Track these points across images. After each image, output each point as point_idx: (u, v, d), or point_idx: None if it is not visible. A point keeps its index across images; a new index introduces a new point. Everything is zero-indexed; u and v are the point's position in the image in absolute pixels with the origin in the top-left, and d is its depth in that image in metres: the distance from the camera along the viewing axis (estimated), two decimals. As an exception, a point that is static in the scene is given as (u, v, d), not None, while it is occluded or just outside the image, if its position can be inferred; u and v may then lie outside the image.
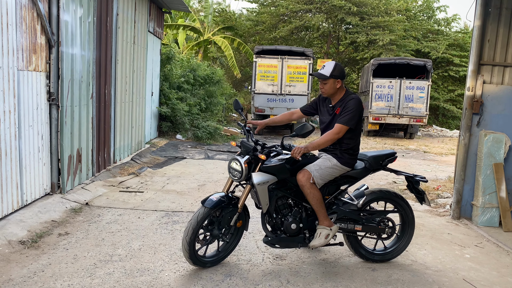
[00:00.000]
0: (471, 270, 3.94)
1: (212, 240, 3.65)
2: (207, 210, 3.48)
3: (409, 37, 21.81)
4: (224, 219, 3.58)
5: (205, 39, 20.69)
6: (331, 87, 3.63)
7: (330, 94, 3.69)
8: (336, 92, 3.68)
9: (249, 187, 3.54)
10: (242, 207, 3.57)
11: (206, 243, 3.63)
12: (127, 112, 8.54)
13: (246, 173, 3.49)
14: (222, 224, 3.60)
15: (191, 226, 3.46)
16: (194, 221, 3.47)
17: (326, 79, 3.61)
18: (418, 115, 15.91)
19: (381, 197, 3.80)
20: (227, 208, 3.57)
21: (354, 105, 3.54)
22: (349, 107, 3.54)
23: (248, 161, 3.54)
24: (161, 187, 6.68)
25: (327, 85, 3.63)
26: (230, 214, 3.58)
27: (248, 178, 3.55)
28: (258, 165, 3.51)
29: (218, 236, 3.61)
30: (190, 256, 3.52)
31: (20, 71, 4.68)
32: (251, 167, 3.54)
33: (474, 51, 5.35)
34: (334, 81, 3.62)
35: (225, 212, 3.58)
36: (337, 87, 3.65)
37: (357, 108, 3.53)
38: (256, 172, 3.51)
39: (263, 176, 3.49)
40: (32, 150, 5.00)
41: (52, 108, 5.41)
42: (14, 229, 4.28)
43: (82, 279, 3.39)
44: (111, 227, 4.67)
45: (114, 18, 7.38)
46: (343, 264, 3.93)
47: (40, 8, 4.94)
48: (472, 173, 5.55)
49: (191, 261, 3.56)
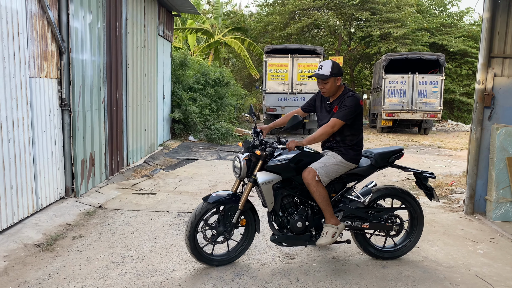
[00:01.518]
0: (483, 266, 3.90)
1: (216, 238, 3.69)
2: (205, 204, 3.59)
3: (422, 30, 21.52)
4: (226, 215, 3.65)
5: (215, 40, 20.79)
6: (332, 85, 3.65)
7: (331, 93, 3.70)
8: (337, 89, 3.70)
9: (251, 184, 3.60)
10: (243, 205, 3.60)
11: (212, 240, 3.68)
12: (139, 115, 8.65)
13: (245, 169, 3.56)
14: (225, 221, 3.66)
15: (190, 221, 3.59)
16: (193, 215, 3.60)
17: (327, 78, 3.62)
18: (432, 110, 15.73)
19: (388, 194, 3.78)
20: (228, 205, 3.63)
21: (352, 101, 3.56)
22: (346, 104, 3.56)
23: (248, 158, 3.60)
24: (173, 188, 6.75)
25: (328, 84, 3.64)
26: (231, 211, 3.63)
27: (250, 175, 3.60)
28: (258, 162, 3.56)
29: (222, 233, 3.66)
30: (192, 250, 3.61)
31: (32, 78, 4.79)
32: (250, 164, 3.59)
33: (483, 43, 5.27)
34: (334, 80, 3.65)
35: (227, 209, 3.64)
36: (337, 84, 3.67)
37: (354, 105, 3.55)
38: (259, 171, 3.56)
39: (267, 175, 3.52)
40: (45, 155, 5.11)
41: (64, 114, 5.52)
42: (30, 233, 4.39)
43: (95, 280, 3.46)
44: (123, 229, 4.75)
45: (123, 23, 7.49)
46: (353, 261, 3.93)
47: (50, 16, 5.04)
48: (485, 168, 5.48)
49: (194, 256, 3.65)
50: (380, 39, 21.27)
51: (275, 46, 15.56)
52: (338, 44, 23.49)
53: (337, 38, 23.72)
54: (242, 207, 3.59)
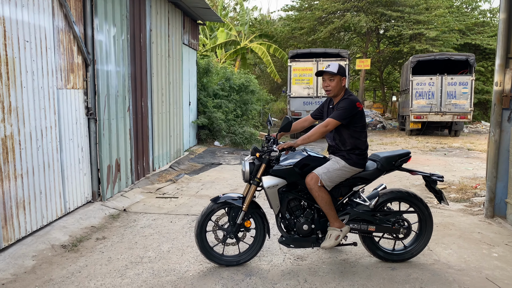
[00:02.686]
0: (496, 269, 3.86)
1: (226, 238, 3.85)
2: (211, 204, 3.82)
3: (452, 31, 21.00)
4: (231, 216, 3.83)
5: (242, 46, 21.08)
6: (338, 84, 3.78)
7: (336, 92, 3.80)
8: (341, 91, 3.81)
9: (254, 187, 3.75)
10: (247, 206, 3.76)
11: (222, 240, 3.86)
12: (164, 122, 8.96)
13: (248, 172, 3.73)
14: (231, 221, 3.83)
15: (197, 220, 3.83)
16: (200, 215, 3.83)
17: (334, 75, 3.76)
18: (462, 112, 15.36)
19: (395, 198, 3.82)
20: (234, 206, 3.81)
21: (347, 103, 3.69)
22: (341, 105, 3.70)
23: (251, 161, 3.79)
24: (195, 192, 6.97)
25: (334, 82, 3.77)
26: (236, 212, 3.79)
27: (253, 178, 3.76)
28: (261, 165, 3.72)
29: (229, 233, 3.82)
30: (201, 248, 3.83)
31: (59, 89, 5.12)
32: (253, 167, 3.75)
33: (500, 44, 5.21)
34: (340, 78, 3.79)
35: (232, 210, 3.82)
36: (342, 84, 3.81)
37: (348, 105, 3.67)
38: (264, 175, 3.73)
39: (272, 179, 3.66)
40: (72, 161, 5.43)
41: (91, 122, 5.84)
42: (57, 235, 4.69)
43: (113, 279, 3.68)
44: (144, 231, 4.98)
45: (147, 34, 7.81)
46: (362, 264, 3.98)
47: (75, 30, 5.37)
48: (505, 170, 5.38)
49: (203, 254, 3.87)
50: (410, 40, 20.93)
51: (299, 50, 15.65)
52: (366, 46, 23.26)
53: (364, 41, 23.50)
54: (246, 208, 3.74)
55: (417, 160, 10.63)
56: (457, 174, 8.63)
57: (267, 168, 3.76)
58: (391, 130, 19.81)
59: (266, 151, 3.75)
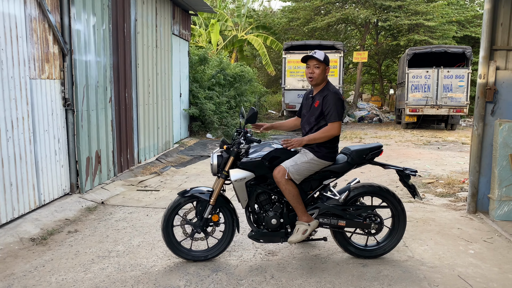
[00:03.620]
0: (469, 266, 3.77)
1: (194, 233, 3.76)
2: (177, 198, 3.73)
3: (451, 23, 20.73)
4: (198, 210, 3.74)
5: (239, 38, 20.88)
6: (322, 72, 3.68)
7: (319, 81, 3.69)
8: (323, 80, 3.71)
9: (222, 180, 3.65)
10: (215, 200, 3.67)
11: (190, 235, 3.77)
12: (151, 113, 8.85)
13: (216, 165, 3.63)
14: (199, 216, 3.74)
15: (163, 214, 3.74)
16: (166, 209, 3.75)
17: (320, 62, 3.66)
18: (458, 105, 15.20)
19: (366, 192, 3.71)
20: (201, 200, 3.71)
21: (334, 99, 3.57)
22: (330, 102, 3.56)
23: (219, 154, 3.69)
24: (178, 185, 6.88)
25: (319, 69, 3.67)
26: (204, 206, 3.69)
27: (221, 172, 3.66)
28: (229, 158, 3.63)
29: (196, 227, 3.73)
30: (167, 243, 3.75)
31: (33, 79, 5.01)
32: (220, 160, 3.64)
33: (485, 36, 5.07)
34: (324, 67, 3.70)
35: (200, 204, 3.72)
36: (326, 74, 3.72)
37: (336, 100, 3.56)
38: (233, 168, 3.62)
39: (240, 172, 3.57)
40: (48, 153, 5.33)
41: (68, 113, 5.74)
42: (28, 227, 4.61)
43: (76, 274, 3.60)
44: (118, 224, 4.90)
45: (132, 24, 7.67)
46: (334, 260, 3.89)
47: (50, 19, 5.25)
48: (488, 165, 5.27)
49: (170, 249, 3.79)
50: (408, 32, 20.67)
51: (294, 42, 15.50)
52: (363, 39, 23.01)
53: (362, 33, 23.25)
54: (214, 202, 3.65)
55: (408, 154, 10.51)
56: (447, 168, 8.53)
57: (236, 161, 3.67)
58: (388, 123, 19.65)
59: (234, 143, 3.66)
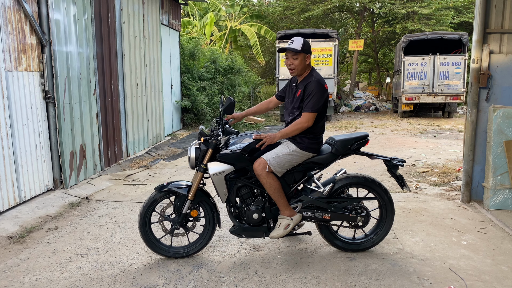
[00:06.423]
0: (462, 258, 3.62)
1: (173, 229, 3.61)
2: (154, 193, 3.56)
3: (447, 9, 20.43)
4: (176, 205, 3.57)
5: (233, 29, 20.59)
6: (302, 62, 3.46)
7: (300, 71, 3.49)
8: (305, 69, 3.50)
9: (200, 174, 3.49)
10: (194, 195, 3.50)
11: (169, 231, 3.62)
12: (140, 106, 8.66)
13: (194, 158, 3.48)
14: (177, 211, 3.58)
15: (139, 211, 3.57)
16: (142, 206, 3.57)
17: (297, 53, 3.44)
18: (455, 93, 15.01)
19: (351, 183, 3.54)
20: (179, 194, 3.55)
21: (315, 87, 3.33)
22: (310, 90, 3.34)
23: (197, 146, 3.52)
24: (167, 178, 6.72)
25: (298, 60, 3.45)
26: (182, 201, 3.52)
27: (199, 165, 3.50)
28: (207, 151, 3.45)
29: (175, 223, 3.57)
30: (146, 241, 3.59)
31: (9, 71, 4.82)
32: (198, 153, 3.47)
33: (477, 18, 4.87)
34: (304, 56, 3.47)
35: (178, 199, 3.56)
36: (307, 63, 3.50)
37: (318, 90, 3.32)
38: (211, 161, 3.44)
39: (219, 166, 3.40)
40: (28, 148, 5.16)
41: (49, 106, 5.55)
42: (7, 225, 4.45)
43: (51, 273, 3.45)
44: (101, 220, 4.75)
45: (117, 14, 7.45)
46: (320, 254, 3.74)
47: (26, 9, 5.04)
48: (482, 153, 5.11)
49: (149, 247, 3.63)
50: (403, 19, 20.39)
51: (287, 31, 15.20)
52: (359, 27, 22.72)
53: (358, 21, 22.95)
54: (192, 197, 3.49)
55: (404, 142, 10.36)
56: (442, 157, 8.38)
57: (215, 153, 3.50)
58: (384, 112, 19.48)
59: (212, 135, 3.49)
